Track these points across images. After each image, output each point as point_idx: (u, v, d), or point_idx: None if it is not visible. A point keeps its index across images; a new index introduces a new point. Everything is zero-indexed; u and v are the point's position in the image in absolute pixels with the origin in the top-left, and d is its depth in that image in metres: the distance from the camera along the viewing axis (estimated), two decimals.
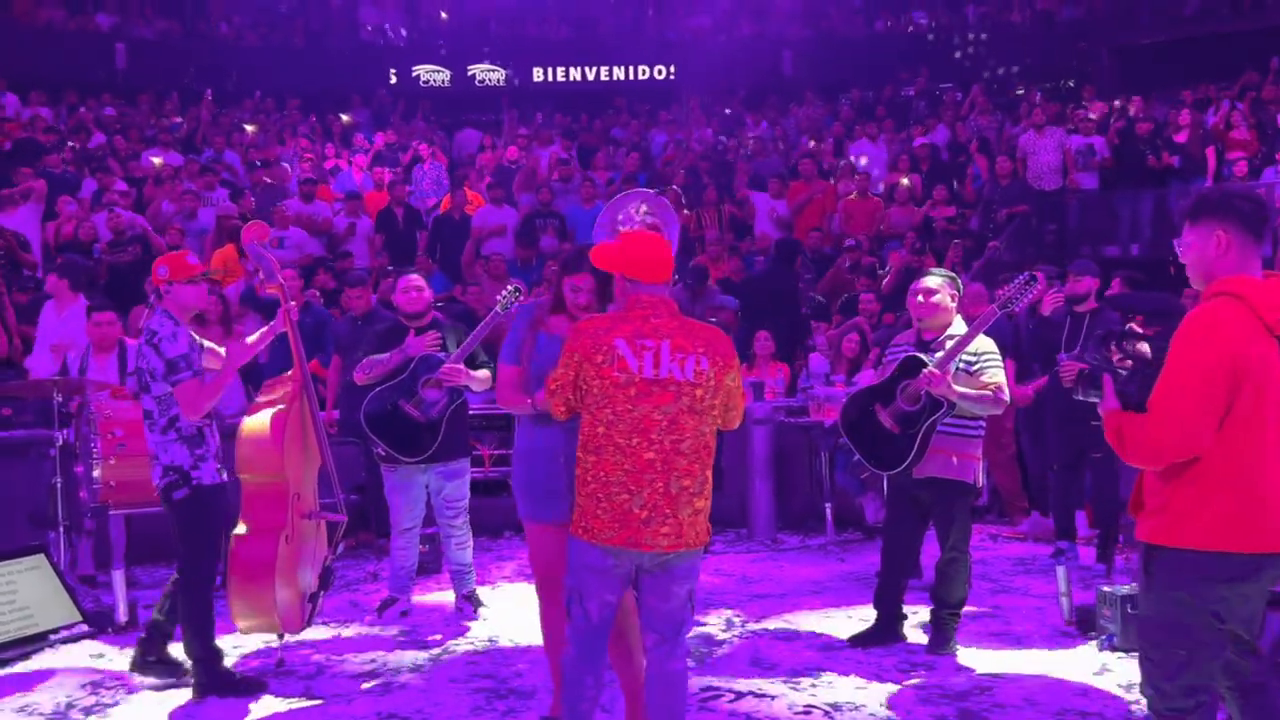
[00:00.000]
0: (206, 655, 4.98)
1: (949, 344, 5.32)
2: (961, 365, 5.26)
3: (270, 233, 6.10)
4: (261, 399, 5.37)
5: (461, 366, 5.96)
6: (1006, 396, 5.30)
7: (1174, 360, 3.07)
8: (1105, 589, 5.53)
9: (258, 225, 5.73)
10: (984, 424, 5.46)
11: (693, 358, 3.61)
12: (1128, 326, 3.50)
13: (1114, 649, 5.33)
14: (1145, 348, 3.33)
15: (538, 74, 20.76)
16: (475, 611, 6.30)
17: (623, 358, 3.59)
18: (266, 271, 5.47)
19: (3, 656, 5.62)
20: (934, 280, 5.52)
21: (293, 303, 5.52)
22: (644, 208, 4.69)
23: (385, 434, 6.12)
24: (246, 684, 5.08)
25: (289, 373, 5.40)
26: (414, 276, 6.38)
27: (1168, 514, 3.11)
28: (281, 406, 5.23)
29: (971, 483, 5.41)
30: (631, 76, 20.73)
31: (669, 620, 3.70)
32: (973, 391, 5.21)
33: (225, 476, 5.07)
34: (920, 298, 5.49)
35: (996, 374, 5.29)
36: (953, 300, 5.49)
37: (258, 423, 5.20)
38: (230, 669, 5.15)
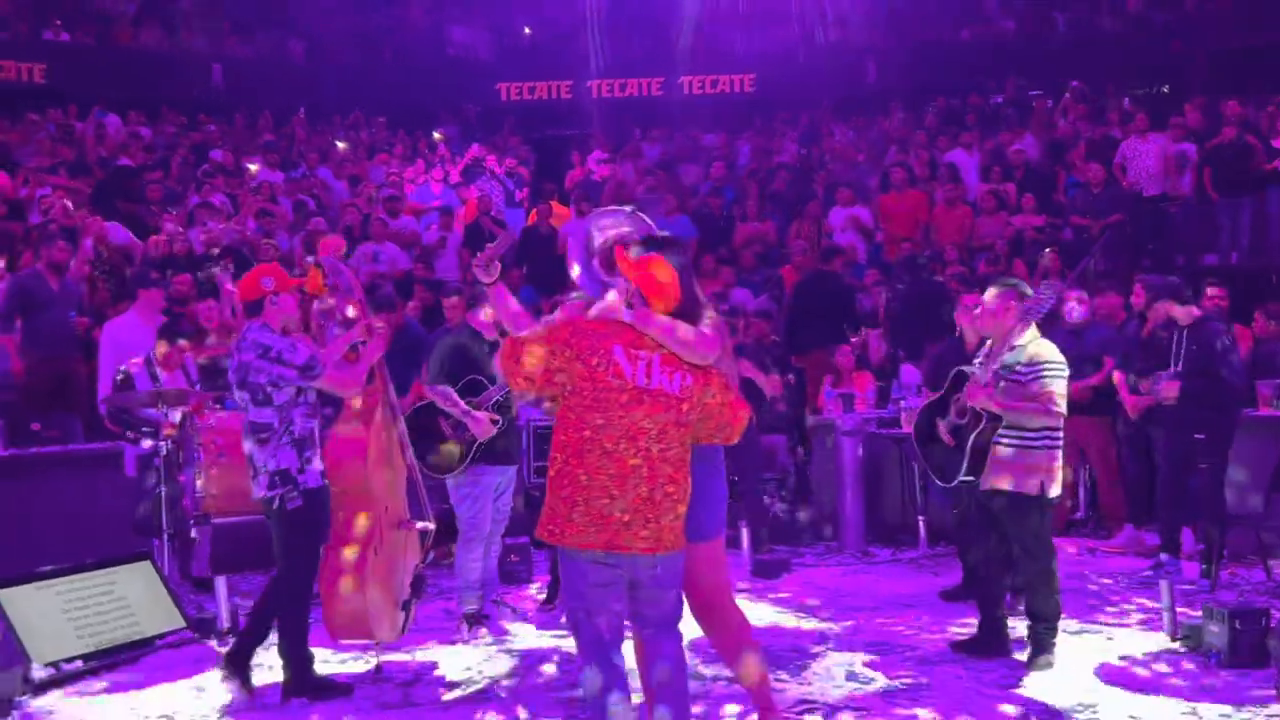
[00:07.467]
0: (299, 658, 5.10)
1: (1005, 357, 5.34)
2: (1014, 375, 5.24)
3: (345, 247, 6.17)
4: (344, 413, 5.47)
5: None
6: (1059, 407, 5.20)
7: None
8: (1211, 604, 5.38)
9: (334, 239, 5.73)
10: (1050, 434, 5.29)
11: (679, 373, 3.72)
12: None
13: (1220, 665, 5.18)
14: None
15: (622, 87, 20.83)
16: (515, 615, 6.50)
17: (618, 364, 3.67)
18: (345, 286, 5.53)
19: (111, 660, 5.77)
20: (989, 292, 5.55)
21: (381, 323, 5.54)
22: (625, 225, 4.76)
23: (418, 444, 6.07)
24: (334, 688, 5.18)
25: (370, 386, 5.48)
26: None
27: None
28: (359, 424, 5.34)
29: (1036, 495, 5.28)
30: (713, 88, 20.70)
31: (664, 617, 3.83)
32: (1016, 403, 5.19)
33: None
34: (975, 310, 5.57)
35: (1050, 383, 5.20)
36: (1010, 309, 5.39)
37: (340, 437, 5.32)
38: (319, 674, 5.23)
